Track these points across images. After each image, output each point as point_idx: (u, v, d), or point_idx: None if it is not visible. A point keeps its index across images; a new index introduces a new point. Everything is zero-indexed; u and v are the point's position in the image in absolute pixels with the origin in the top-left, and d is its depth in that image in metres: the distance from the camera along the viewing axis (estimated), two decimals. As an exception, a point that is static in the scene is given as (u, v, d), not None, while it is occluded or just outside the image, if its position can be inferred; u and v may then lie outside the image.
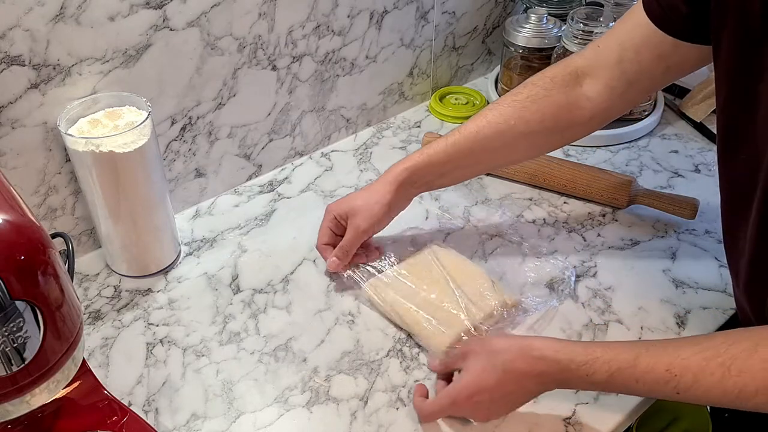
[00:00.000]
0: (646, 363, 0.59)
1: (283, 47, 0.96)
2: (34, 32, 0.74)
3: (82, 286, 0.87)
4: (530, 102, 0.79)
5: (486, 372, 0.66)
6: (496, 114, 0.80)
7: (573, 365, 0.62)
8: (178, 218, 0.96)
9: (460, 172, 0.85)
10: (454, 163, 0.82)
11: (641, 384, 0.60)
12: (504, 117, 0.80)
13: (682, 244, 0.92)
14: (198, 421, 0.71)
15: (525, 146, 0.82)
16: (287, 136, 1.05)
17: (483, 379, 0.66)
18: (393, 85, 1.15)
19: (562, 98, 0.79)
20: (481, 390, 0.66)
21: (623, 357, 0.60)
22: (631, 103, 0.83)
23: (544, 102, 0.79)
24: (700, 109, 1.14)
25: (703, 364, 0.57)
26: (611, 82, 0.77)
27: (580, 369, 0.62)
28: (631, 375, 0.60)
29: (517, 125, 0.79)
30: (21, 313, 0.49)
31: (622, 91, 0.77)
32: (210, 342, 0.80)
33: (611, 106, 0.79)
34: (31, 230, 0.51)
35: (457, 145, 0.81)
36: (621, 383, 0.61)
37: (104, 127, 0.78)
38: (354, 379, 0.75)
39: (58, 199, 0.85)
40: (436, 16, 1.13)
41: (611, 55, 0.76)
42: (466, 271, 0.84)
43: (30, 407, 0.55)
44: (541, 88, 0.79)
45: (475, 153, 0.81)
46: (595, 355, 0.61)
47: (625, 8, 1.18)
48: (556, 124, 0.80)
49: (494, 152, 0.82)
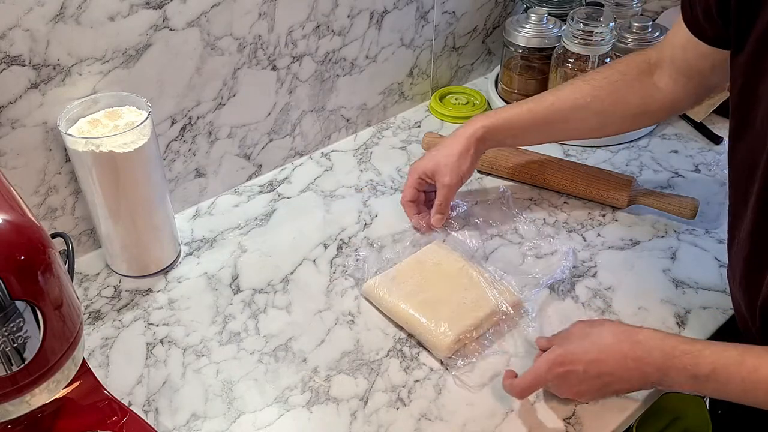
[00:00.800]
0: (752, 363, 0.58)
1: (283, 47, 0.96)
2: (34, 32, 0.74)
3: (82, 286, 0.87)
4: (607, 83, 0.84)
5: (584, 346, 0.66)
6: (574, 89, 0.86)
7: (677, 352, 0.62)
8: (178, 218, 0.96)
9: (530, 137, 0.92)
10: (527, 128, 0.88)
11: (746, 383, 0.59)
12: (581, 93, 0.85)
13: (682, 244, 0.92)
14: (198, 421, 0.71)
15: (595, 124, 0.87)
16: (287, 136, 1.05)
17: (579, 351, 0.66)
18: (393, 85, 1.15)
19: (636, 84, 0.83)
20: (575, 361, 0.66)
21: (729, 354, 0.60)
22: (695, 96, 0.85)
23: (619, 85, 0.83)
24: (700, 109, 1.14)
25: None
26: (673, 74, 0.81)
27: (683, 357, 0.61)
28: (736, 372, 0.59)
29: (592, 103, 0.84)
30: (21, 313, 0.49)
31: (683, 84, 0.81)
32: (210, 342, 0.80)
33: (677, 98, 0.83)
34: (31, 230, 0.51)
35: (533, 111, 0.87)
36: (724, 379, 0.60)
37: (104, 127, 0.78)
38: (354, 379, 0.75)
39: (58, 199, 0.85)
40: (436, 16, 1.13)
41: (669, 49, 0.80)
42: (467, 270, 0.84)
43: (30, 407, 0.55)
44: (617, 72, 0.84)
45: (549, 122, 0.87)
46: (698, 347, 0.61)
47: (625, 8, 1.18)
48: (628, 108, 0.84)
49: (565, 124, 0.87)
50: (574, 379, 0.67)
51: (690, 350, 0.61)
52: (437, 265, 0.85)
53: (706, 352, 0.61)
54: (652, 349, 0.63)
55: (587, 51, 1.04)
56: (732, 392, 0.60)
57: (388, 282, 0.82)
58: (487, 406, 0.72)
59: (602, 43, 1.03)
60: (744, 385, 0.59)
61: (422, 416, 0.71)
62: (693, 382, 0.62)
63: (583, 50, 1.04)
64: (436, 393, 0.74)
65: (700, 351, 0.61)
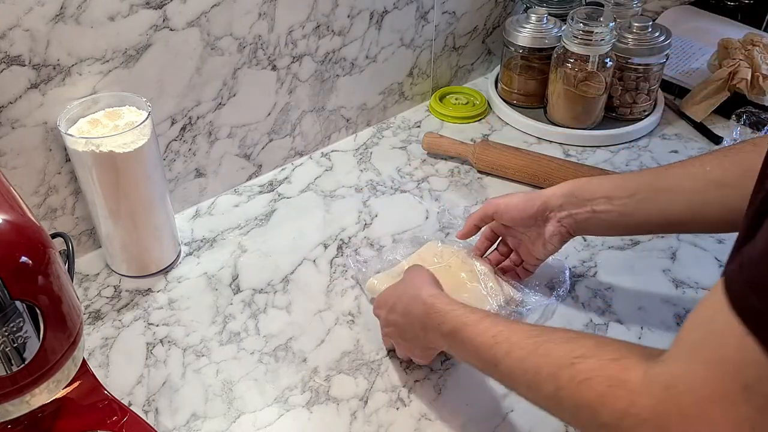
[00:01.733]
0: (484, 326, 0.60)
1: (283, 47, 0.96)
2: (34, 32, 0.74)
3: (82, 286, 0.87)
4: (732, 153, 0.68)
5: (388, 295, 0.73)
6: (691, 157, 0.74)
7: (432, 311, 0.65)
8: (178, 218, 0.96)
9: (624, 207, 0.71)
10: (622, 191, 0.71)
11: (469, 345, 0.60)
12: (699, 160, 0.70)
13: (682, 244, 0.92)
14: (198, 421, 0.71)
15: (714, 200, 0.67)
16: (287, 136, 1.05)
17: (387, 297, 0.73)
18: (393, 85, 1.15)
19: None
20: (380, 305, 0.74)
21: (473, 317, 0.61)
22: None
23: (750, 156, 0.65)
24: (700, 109, 1.14)
25: (522, 338, 0.56)
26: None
27: (435, 316, 0.64)
28: (468, 333, 0.61)
29: (712, 171, 0.68)
30: (21, 313, 0.49)
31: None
32: (210, 342, 0.80)
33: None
34: (31, 230, 0.51)
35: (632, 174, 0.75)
36: (459, 340, 0.62)
37: (104, 127, 0.78)
38: (354, 379, 0.75)
39: (58, 199, 0.85)
40: (436, 16, 1.13)
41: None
42: (468, 267, 0.84)
43: (30, 407, 0.55)
44: (748, 144, 0.68)
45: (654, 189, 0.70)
46: (455, 309, 0.63)
47: (625, 8, 1.18)
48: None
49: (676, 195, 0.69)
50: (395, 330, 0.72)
51: (445, 309, 0.64)
52: (439, 260, 0.84)
53: (456, 313, 0.63)
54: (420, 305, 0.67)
55: (587, 51, 1.04)
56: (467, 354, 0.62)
57: (390, 279, 0.82)
58: (487, 406, 0.72)
59: (602, 43, 1.03)
60: (470, 347, 0.60)
61: (422, 416, 0.71)
62: (444, 340, 0.65)
63: (583, 50, 1.04)
64: (436, 393, 0.74)
65: (450, 311, 0.63)
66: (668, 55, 1.10)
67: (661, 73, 1.11)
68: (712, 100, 1.13)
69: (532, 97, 1.17)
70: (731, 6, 1.37)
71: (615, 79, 1.10)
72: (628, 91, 1.11)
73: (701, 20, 1.34)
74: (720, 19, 1.35)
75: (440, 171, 1.06)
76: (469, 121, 1.17)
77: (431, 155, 1.09)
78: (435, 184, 1.03)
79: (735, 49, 1.15)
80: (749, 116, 1.12)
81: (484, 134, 1.14)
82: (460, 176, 1.05)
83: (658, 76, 1.11)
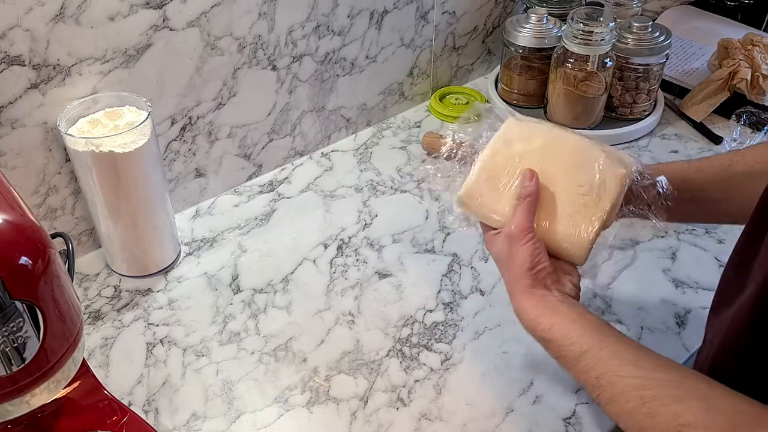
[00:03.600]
0: (585, 364, 0.58)
1: (283, 47, 0.96)
2: (34, 32, 0.74)
3: (82, 286, 0.87)
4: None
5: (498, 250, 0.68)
6: (753, 152, 0.70)
7: (535, 335, 0.63)
8: (178, 218, 0.96)
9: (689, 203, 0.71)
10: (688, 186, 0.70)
11: (577, 379, 0.59)
12: (762, 156, 0.68)
13: (682, 244, 0.92)
14: (198, 421, 0.71)
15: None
16: (287, 136, 1.05)
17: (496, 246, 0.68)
18: (393, 85, 1.15)
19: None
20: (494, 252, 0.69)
21: (572, 350, 0.59)
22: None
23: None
24: (700, 109, 1.14)
25: (627, 389, 0.54)
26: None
27: (540, 342, 0.62)
28: (570, 369, 0.60)
29: None
30: (21, 313, 0.49)
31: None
32: (210, 342, 0.80)
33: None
34: (31, 230, 0.51)
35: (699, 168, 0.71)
36: (566, 368, 0.61)
37: (104, 127, 0.78)
38: (354, 379, 0.75)
39: (58, 199, 0.85)
40: (436, 16, 1.13)
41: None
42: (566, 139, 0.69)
43: (30, 407, 0.55)
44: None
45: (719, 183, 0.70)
46: (552, 337, 0.61)
47: (625, 8, 1.18)
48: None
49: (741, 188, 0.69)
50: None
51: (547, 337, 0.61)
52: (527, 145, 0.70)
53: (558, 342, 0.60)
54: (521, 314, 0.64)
55: (587, 51, 1.04)
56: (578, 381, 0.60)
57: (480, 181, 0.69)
58: (487, 406, 0.72)
59: (602, 43, 1.03)
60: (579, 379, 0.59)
61: (422, 416, 0.72)
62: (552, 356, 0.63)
63: (583, 50, 1.04)
64: (436, 393, 0.74)
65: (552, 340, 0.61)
66: (668, 55, 1.10)
67: (661, 73, 1.12)
68: (712, 100, 1.13)
69: (532, 97, 1.17)
70: (731, 6, 1.37)
71: (615, 79, 1.10)
72: (628, 91, 1.11)
73: (701, 20, 1.34)
74: (720, 19, 1.35)
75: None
76: (469, 121, 1.17)
77: (431, 155, 1.09)
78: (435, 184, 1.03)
79: (735, 49, 1.15)
80: (749, 116, 1.12)
81: (484, 134, 1.14)
82: (460, 176, 1.05)
83: (658, 76, 1.11)
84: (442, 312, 0.83)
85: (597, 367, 0.57)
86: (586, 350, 0.58)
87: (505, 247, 0.66)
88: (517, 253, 0.65)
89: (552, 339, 0.61)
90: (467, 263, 0.89)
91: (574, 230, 0.66)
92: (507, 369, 0.76)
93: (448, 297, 0.85)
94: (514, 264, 0.65)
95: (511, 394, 0.73)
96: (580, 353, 0.58)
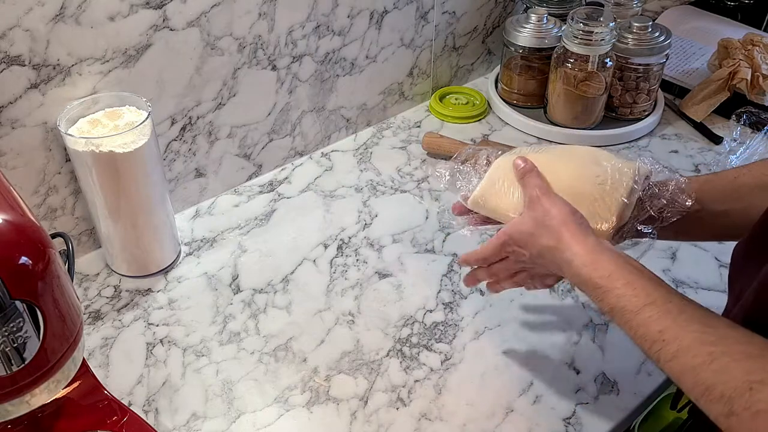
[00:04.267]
0: (649, 315, 0.54)
1: (283, 47, 0.96)
2: (34, 32, 0.74)
3: (82, 286, 0.87)
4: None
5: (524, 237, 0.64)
6: (761, 164, 0.68)
7: (589, 284, 0.59)
8: (178, 218, 0.96)
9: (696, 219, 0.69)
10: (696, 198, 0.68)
11: (630, 332, 0.56)
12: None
13: (682, 244, 0.92)
14: (198, 421, 0.71)
15: None
16: (287, 136, 1.05)
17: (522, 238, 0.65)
18: (393, 85, 1.15)
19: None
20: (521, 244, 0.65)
21: (636, 301, 0.55)
22: None
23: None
24: (700, 109, 1.14)
25: (695, 344, 0.51)
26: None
27: (594, 291, 0.58)
28: (628, 321, 0.56)
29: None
30: (21, 313, 0.49)
31: None
32: (210, 342, 0.80)
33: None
34: (31, 230, 0.51)
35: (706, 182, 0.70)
36: (619, 321, 0.57)
37: (104, 127, 0.78)
38: (354, 379, 0.75)
39: (58, 199, 0.85)
40: (436, 16, 1.13)
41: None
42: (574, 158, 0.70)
43: (30, 407, 0.55)
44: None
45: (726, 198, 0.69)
46: (616, 287, 0.57)
47: (625, 8, 1.18)
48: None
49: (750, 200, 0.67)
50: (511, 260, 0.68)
51: (601, 285, 0.58)
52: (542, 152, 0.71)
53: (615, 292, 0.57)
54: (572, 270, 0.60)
55: (587, 51, 1.04)
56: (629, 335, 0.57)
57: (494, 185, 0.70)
58: (487, 406, 0.72)
59: (602, 43, 1.03)
60: (633, 334, 0.55)
61: (422, 416, 0.72)
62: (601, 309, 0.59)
63: (583, 50, 1.04)
64: (436, 393, 0.74)
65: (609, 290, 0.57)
66: (668, 55, 1.10)
67: (661, 73, 1.12)
68: (712, 100, 1.13)
69: (532, 97, 1.17)
70: (731, 6, 1.37)
71: (615, 79, 1.10)
72: (628, 91, 1.11)
73: (701, 20, 1.34)
74: (720, 19, 1.35)
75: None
76: (469, 121, 1.17)
77: (431, 155, 1.09)
78: (435, 184, 1.03)
79: (735, 49, 1.15)
80: (749, 116, 1.12)
81: (484, 134, 1.14)
82: (460, 176, 1.05)
83: (658, 76, 1.11)
84: (442, 312, 0.83)
85: (662, 320, 0.53)
86: (651, 301, 0.54)
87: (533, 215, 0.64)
88: (553, 206, 0.63)
89: (611, 288, 0.57)
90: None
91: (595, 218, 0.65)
92: (507, 369, 0.76)
93: (448, 297, 0.85)
94: (552, 216, 0.62)
95: (511, 394, 0.73)
96: (645, 304, 0.54)
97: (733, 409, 0.46)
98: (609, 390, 0.74)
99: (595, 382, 0.74)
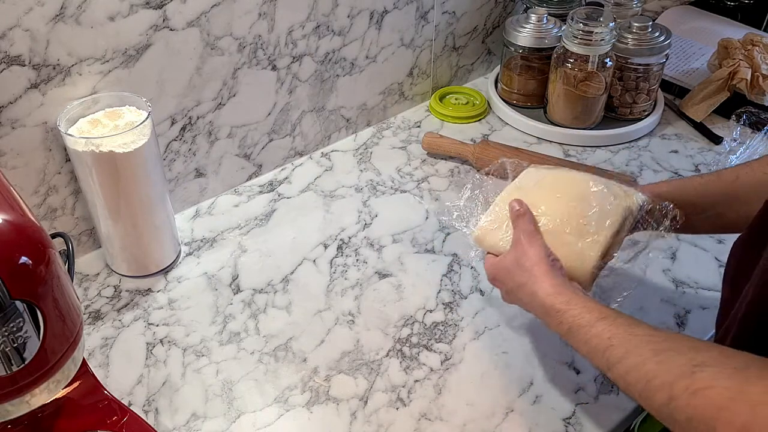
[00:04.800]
0: (602, 328, 0.57)
1: (283, 47, 0.96)
2: (34, 32, 0.74)
3: (82, 286, 0.87)
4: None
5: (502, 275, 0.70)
6: (761, 162, 0.70)
7: (552, 311, 0.63)
8: (178, 218, 0.96)
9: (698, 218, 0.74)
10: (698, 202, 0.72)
11: (584, 348, 0.59)
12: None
13: (682, 244, 0.92)
14: (198, 421, 0.71)
15: None
16: (287, 136, 1.05)
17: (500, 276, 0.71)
18: (393, 85, 1.15)
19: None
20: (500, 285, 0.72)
21: (589, 317, 0.59)
22: None
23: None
24: (700, 109, 1.14)
25: (641, 344, 0.53)
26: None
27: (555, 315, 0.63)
28: (583, 335, 0.59)
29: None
30: (21, 313, 0.49)
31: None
32: (210, 342, 0.80)
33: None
34: (31, 230, 0.51)
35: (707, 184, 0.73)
36: (576, 341, 0.60)
37: (104, 127, 0.78)
38: (354, 379, 0.75)
39: (58, 199, 0.85)
40: (436, 16, 1.13)
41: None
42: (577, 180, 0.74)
43: (30, 407, 0.55)
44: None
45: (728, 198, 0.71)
46: (572, 308, 0.61)
47: (625, 8, 1.18)
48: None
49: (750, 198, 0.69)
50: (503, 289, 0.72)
51: (561, 309, 0.62)
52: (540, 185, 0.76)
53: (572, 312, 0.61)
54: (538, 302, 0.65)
55: (587, 51, 1.04)
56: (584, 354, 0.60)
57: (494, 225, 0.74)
58: (487, 406, 0.72)
59: (602, 43, 1.03)
60: (587, 348, 0.58)
61: (422, 416, 0.72)
62: (563, 335, 0.63)
63: (583, 50, 1.04)
64: (436, 393, 0.74)
65: (566, 311, 0.61)
66: (668, 55, 1.10)
67: (661, 73, 1.12)
68: (712, 100, 1.13)
69: (532, 97, 1.17)
70: (731, 6, 1.37)
71: (615, 79, 1.10)
72: (628, 91, 1.11)
73: (701, 20, 1.34)
74: (720, 19, 1.35)
75: (440, 171, 1.06)
76: (469, 121, 1.17)
77: (431, 155, 1.09)
78: (435, 184, 1.03)
79: (735, 49, 1.15)
80: (749, 116, 1.12)
81: (484, 134, 1.14)
82: (460, 176, 1.05)
83: (658, 76, 1.11)
84: (442, 312, 0.83)
85: (612, 329, 0.56)
86: (604, 317, 0.58)
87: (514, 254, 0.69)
88: (531, 247, 0.68)
89: (568, 309, 0.61)
90: (467, 263, 0.89)
91: (578, 260, 0.69)
92: (507, 369, 0.76)
93: (448, 297, 0.85)
94: (529, 257, 0.67)
95: (511, 394, 0.73)
96: (598, 319, 0.58)
97: (673, 393, 0.47)
98: (609, 390, 0.74)
99: (595, 382, 0.75)
